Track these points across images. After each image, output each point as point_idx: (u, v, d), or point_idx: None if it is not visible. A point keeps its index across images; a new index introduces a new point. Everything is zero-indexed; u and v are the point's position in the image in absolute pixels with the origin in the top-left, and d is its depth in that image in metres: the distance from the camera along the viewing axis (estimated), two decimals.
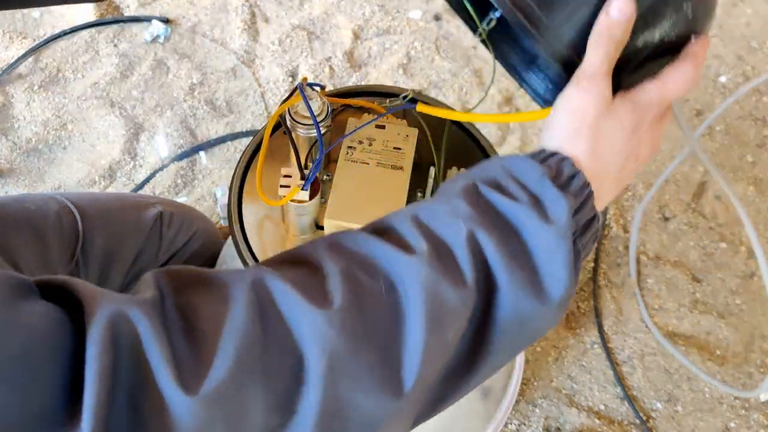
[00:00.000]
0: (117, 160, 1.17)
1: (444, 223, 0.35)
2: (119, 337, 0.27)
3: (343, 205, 0.57)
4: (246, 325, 0.29)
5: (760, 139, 1.17)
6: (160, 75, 1.28)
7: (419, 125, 0.67)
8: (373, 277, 0.33)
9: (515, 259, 0.35)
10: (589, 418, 0.92)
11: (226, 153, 1.19)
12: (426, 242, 0.34)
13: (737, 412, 0.92)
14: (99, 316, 0.26)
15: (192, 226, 0.86)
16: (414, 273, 0.32)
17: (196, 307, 0.30)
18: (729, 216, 1.09)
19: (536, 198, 0.36)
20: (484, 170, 0.38)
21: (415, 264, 0.33)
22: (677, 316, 1.00)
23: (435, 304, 0.32)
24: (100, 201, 0.78)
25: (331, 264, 0.33)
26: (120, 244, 0.77)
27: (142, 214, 0.80)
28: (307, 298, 0.30)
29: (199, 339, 0.28)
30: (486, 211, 0.35)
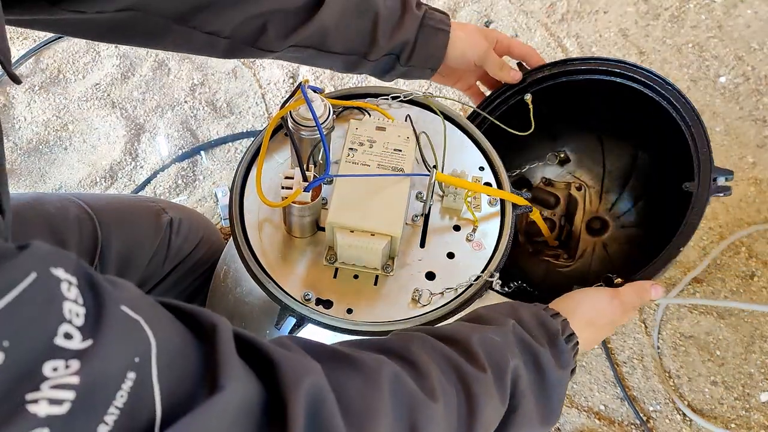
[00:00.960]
0: (118, 160, 1.17)
1: (501, 353, 0.45)
2: (313, 403, 0.33)
3: (344, 206, 0.57)
4: (387, 407, 0.37)
5: (760, 139, 1.17)
6: (161, 76, 1.28)
7: (420, 127, 0.67)
8: (459, 383, 0.42)
9: (535, 389, 0.47)
10: (589, 419, 0.92)
11: (227, 154, 1.19)
12: (489, 365, 0.44)
13: (737, 412, 0.92)
14: (299, 389, 0.32)
15: (198, 233, 0.86)
16: (483, 387, 0.42)
17: (344, 383, 0.36)
18: (729, 216, 1.09)
19: (554, 347, 0.50)
20: (520, 315, 0.52)
21: (484, 380, 0.43)
22: (677, 316, 1.00)
23: (489, 415, 0.43)
24: (116, 204, 0.77)
25: (427, 366, 0.41)
26: (135, 250, 0.76)
27: (155, 219, 0.79)
28: (424, 393, 0.39)
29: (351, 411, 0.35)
30: (524, 350, 0.48)
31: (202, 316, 0.33)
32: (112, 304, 0.28)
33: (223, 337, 0.31)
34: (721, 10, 1.35)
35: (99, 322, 0.27)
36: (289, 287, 0.60)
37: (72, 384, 0.25)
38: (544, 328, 0.51)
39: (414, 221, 0.65)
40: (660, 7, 1.37)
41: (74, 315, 0.27)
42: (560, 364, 0.49)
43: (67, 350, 0.26)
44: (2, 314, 0.24)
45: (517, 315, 0.51)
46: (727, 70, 1.27)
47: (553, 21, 1.36)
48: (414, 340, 0.43)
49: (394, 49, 0.71)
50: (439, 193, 0.66)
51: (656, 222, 0.89)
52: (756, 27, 1.32)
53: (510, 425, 0.45)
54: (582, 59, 0.82)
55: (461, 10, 1.37)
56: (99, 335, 0.27)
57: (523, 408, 0.45)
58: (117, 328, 0.28)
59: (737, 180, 1.13)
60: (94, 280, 0.29)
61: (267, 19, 0.65)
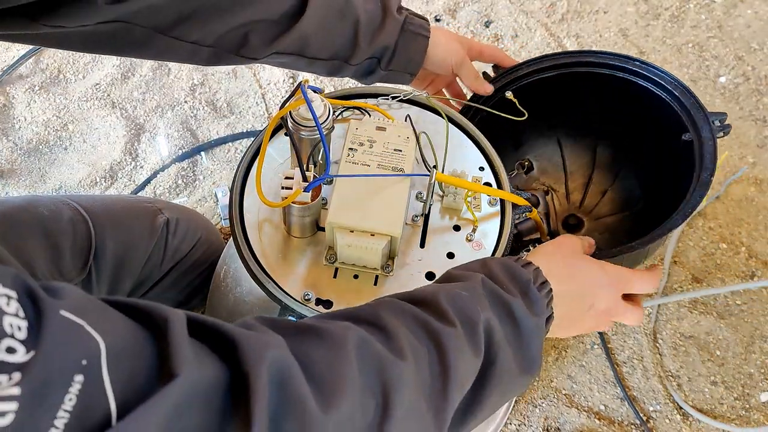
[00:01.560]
0: (118, 160, 1.17)
1: (469, 307, 0.45)
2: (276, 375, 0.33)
3: (344, 206, 0.57)
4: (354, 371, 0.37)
5: (760, 139, 1.17)
6: (161, 76, 1.28)
7: (419, 127, 0.67)
8: (429, 340, 0.42)
9: (511, 340, 0.47)
10: (589, 419, 0.92)
11: (227, 154, 1.19)
12: (459, 320, 0.44)
13: (737, 412, 0.92)
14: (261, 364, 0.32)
15: (196, 233, 0.86)
16: (453, 342, 0.42)
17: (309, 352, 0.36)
18: (729, 216, 1.09)
19: (527, 297, 0.49)
20: (490, 268, 0.51)
21: (454, 335, 0.43)
22: (677, 316, 1.00)
23: (463, 369, 0.43)
24: (111, 206, 0.77)
25: (395, 329, 0.41)
26: (131, 251, 0.76)
27: (151, 220, 0.79)
28: (392, 353, 0.39)
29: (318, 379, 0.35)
30: (495, 302, 0.47)
31: (155, 311, 0.33)
32: (51, 312, 0.28)
33: (174, 328, 0.31)
34: (721, 10, 1.35)
35: (39, 331, 0.27)
36: (288, 287, 0.60)
37: (14, 395, 0.25)
38: (516, 278, 0.50)
39: (414, 221, 0.65)
40: (660, 6, 1.37)
41: (16, 329, 0.27)
42: (534, 312, 0.49)
43: (10, 364, 0.26)
44: None
45: (487, 269, 0.50)
46: (727, 70, 1.27)
47: (553, 21, 1.36)
48: (382, 306, 0.44)
49: (375, 53, 0.72)
50: (439, 193, 0.66)
51: (629, 204, 0.95)
52: (756, 27, 1.32)
53: (489, 377, 0.45)
54: (541, 57, 0.88)
55: (461, 10, 1.37)
56: (40, 344, 0.27)
57: (501, 360, 0.45)
58: (58, 334, 0.28)
59: (738, 180, 1.13)
60: (34, 291, 0.28)
61: (249, 28, 0.65)
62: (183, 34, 0.64)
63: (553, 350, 0.98)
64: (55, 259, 0.67)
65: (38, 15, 0.56)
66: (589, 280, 0.56)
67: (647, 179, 0.94)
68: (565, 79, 0.88)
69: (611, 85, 0.86)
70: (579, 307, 0.56)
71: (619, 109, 0.90)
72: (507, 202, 0.65)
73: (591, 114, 0.93)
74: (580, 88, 0.89)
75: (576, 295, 0.55)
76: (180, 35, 0.64)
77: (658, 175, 0.91)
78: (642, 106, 0.86)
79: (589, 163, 0.99)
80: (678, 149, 0.80)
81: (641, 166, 0.94)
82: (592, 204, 0.98)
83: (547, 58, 0.87)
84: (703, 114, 0.78)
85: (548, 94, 0.87)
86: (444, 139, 0.69)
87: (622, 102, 0.88)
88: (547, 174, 1.00)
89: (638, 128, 0.91)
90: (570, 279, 0.55)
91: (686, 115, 0.80)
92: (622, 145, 0.96)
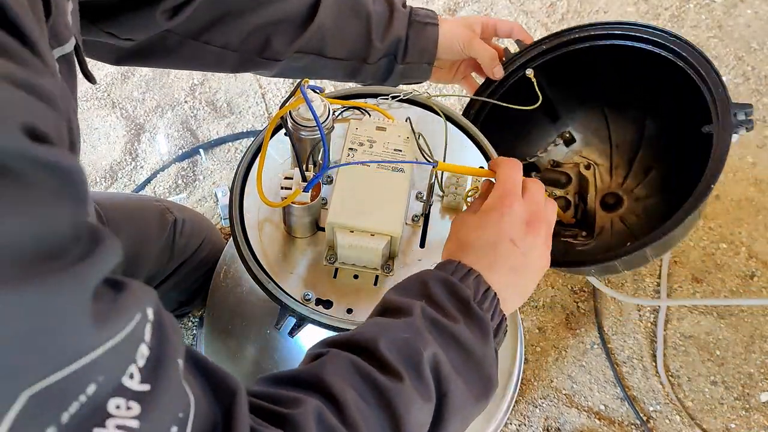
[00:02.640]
0: (118, 160, 1.17)
1: (412, 349, 0.43)
2: None
3: (344, 207, 0.57)
4: None
5: (760, 139, 1.17)
6: (161, 76, 1.28)
7: (419, 127, 0.67)
8: (377, 402, 0.41)
9: (461, 368, 0.45)
10: (589, 419, 0.92)
11: (227, 154, 1.19)
12: (403, 368, 0.42)
13: (737, 412, 0.92)
14: None
15: (201, 233, 0.86)
16: (401, 397, 0.41)
17: None
18: (729, 216, 1.09)
19: (469, 317, 0.47)
20: (430, 290, 0.48)
21: (402, 390, 0.41)
22: (678, 316, 1.00)
23: (416, 420, 0.42)
24: (122, 203, 0.78)
25: (344, 395, 0.40)
26: (141, 249, 0.76)
27: (159, 219, 0.80)
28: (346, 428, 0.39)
29: None
30: (439, 333, 0.45)
31: (226, 381, 0.34)
32: (172, 354, 0.29)
33: (239, 405, 0.33)
34: (721, 9, 1.35)
35: (158, 369, 0.28)
36: (289, 287, 0.60)
37: (133, 428, 0.26)
38: (456, 297, 0.47)
39: (414, 221, 0.65)
40: (660, 6, 1.37)
41: (140, 356, 0.28)
42: (480, 332, 0.47)
43: (128, 390, 0.27)
44: (109, 354, 0.26)
45: (426, 291, 0.48)
46: (727, 70, 1.27)
47: (553, 21, 1.36)
48: (327, 365, 0.42)
49: (390, 49, 0.73)
50: (438, 193, 0.66)
51: (670, 188, 0.87)
52: (756, 27, 1.32)
53: (444, 411, 0.44)
54: (579, 27, 0.80)
55: (461, 10, 1.37)
56: (157, 383, 0.28)
57: (453, 392, 0.44)
58: (173, 380, 0.29)
59: (738, 180, 1.13)
60: (162, 321, 0.30)
61: (270, 30, 0.67)
62: (211, 39, 0.66)
63: (553, 350, 0.98)
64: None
65: (99, 19, 0.58)
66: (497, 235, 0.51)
67: (683, 165, 0.85)
68: (590, 53, 0.80)
69: (643, 58, 0.77)
70: (517, 268, 0.51)
71: (658, 82, 0.80)
72: None
73: (632, 87, 0.85)
74: (616, 61, 0.81)
75: (509, 266, 0.51)
76: (209, 40, 0.66)
77: (688, 164, 0.81)
78: (675, 84, 0.77)
79: (637, 139, 0.90)
80: (698, 140, 0.74)
81: (682, 150, 0.85)
82: (635, 183, 0.91)
83: (571, 31, 0.80)
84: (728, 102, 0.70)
85: (584, 66, 0.80)
86: (442, 138, 0.69)
87: (657, 74, 0.79)
88: (591, 147, 0.93)
89: (677, 111, 0.83)
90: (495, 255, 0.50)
91: (713, 103, 0.72)
92: (670, 122, 0.87)
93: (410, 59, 0.74)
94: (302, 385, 0.41)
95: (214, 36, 0.66)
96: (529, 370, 0.96)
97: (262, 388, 0.40)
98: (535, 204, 0.53)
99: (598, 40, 0.79)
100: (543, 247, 0.53)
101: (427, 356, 0.43)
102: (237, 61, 0.69)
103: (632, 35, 0.77)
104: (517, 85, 0.80)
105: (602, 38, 0.79)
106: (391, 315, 0.47)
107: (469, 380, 0.45)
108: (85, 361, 0.25)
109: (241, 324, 0.82)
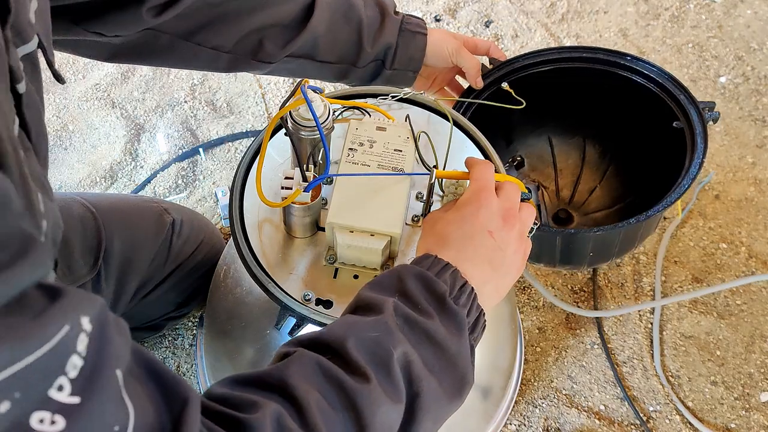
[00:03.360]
0: (118, 160, 1.17)
1: (381, 348, 0.42)
2: None
3: (344, 207, 0.57)
4: None
5: (759, 139, 1.17)
6: (161, 76, 1.28)
7: (419, 127, 0.67)
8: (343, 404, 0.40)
9: (434, 367, 0.44)
10: (589, 419, 0.92)
11: (227, 154, 1.19)
12: (372, 368, 0.41)
13: (738, 412, 0.92)
14: None
15: (199, 235, 0.86)
16: (368, 400, 0.40)
17: None
18: (729, 216, 1.09)
19: (444, 313, 0.46)
20: (405, 284, 0.46)
21: (369, 391, 0.40)
22: (678, 316, 1.00)
23: (383, 423, 0.41)
24: (118, 204, 0.78)
25: (306, 398, 0.39)
26: (138, 251, 0.76)
27: (157, 220, 0.80)
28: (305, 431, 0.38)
29: None
30: (411, 330, 0.44)
31: (178, 387, 0.33)
32: (110, 364, 0.28)
33: (191, 413, 0.32)
34: (721, 10, 1.35)
35: (92, 380, 0.27)
36: (288, 287, 0.60)
37: None
38: (431, 293, 0.46)
39: (414, 221, 0.65)
40: (660, 7, 1.37)
41: (72, 367, 0.26)
42: (455, 328, 0.45)
43: (55, 403, 0.25)
44: (30, 368, 0.24)
45: (401, 287, 0.46)
46: (727, 70, 1.27)
47: (553, 21, 1.36)
48: (292, 365, 0.41)
49: (379, 54, 0.75)
50: (438, 193, 0.66)
51: (617, 200, 0.98)
52: (756, 27, 1.32)
53: (415, 412, 0.42)
54: (535, 52, 0.91)
55: (461, 10, 1.37)
56: (89, 395, 0.27)
57: (425, 391, 0.43)
58: (108, 391, 0.28)
59: (738, 179, 1.13)
60: (104, 330, 0.29)
61: (264, 34, 0.68)
62: (204, 40, 0.66)
63: (553, 350, 0.98)
64: (65, 257, 0.67)
65: (82, 19, 0.58)
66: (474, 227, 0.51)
67: (636, 175, 0.97)
68: (556, 73, 0.90)
69: (601, 79, 0.89)
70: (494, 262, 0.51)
71: (608, 104, 0.93)
72: None
73: (581, 110, 0.96)
74: (571, 83, 0.91)
75: (487, 259, 0.50)
76: (201, 41, 0.66)
77: (647, 170, 0.94)
78: (631, 99, 0.89)
79: (578, 161, 1.01)
80: (667, 139, 0.83)
81: (630, 163, 0.97)
82: (582, 200, 1.01)
83: (541, 53, 0.90)
84: (692, 101, 0.82)
85: (540, 88, 0.89)
86: (442, 138, 0.69)
87: (611, 96, 0.91)
88: (538, 170, 1.02)
89: (627, 122, 0.94)
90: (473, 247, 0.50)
91: (675, 105, 0.83)
92: (611, 143, 0.99)
93: (398, 66, 0.76)
94: (264, 387, 0.39)
95: (207, 37, 0.66)
96: (529, 370, 0.96)
97: (223, 390, 0.39)
98: (509, 201, 0.54)
99: (554, 63, 0.90)
100: (518, 242, 0.53)
101: (397, 356, 0.42)
102: (229, 62, 0.69)
103: (586, 57, 0.89)
104: (490, 98, 0.88)
105: (556, 62, 0.90)
106: (363, 312, 0.45)
107: (442, 379, 0.44)
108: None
109: (241, 324, 0.82)
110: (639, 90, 0.87)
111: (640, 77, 0.87)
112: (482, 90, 0.88)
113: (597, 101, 0.93)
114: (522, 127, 0.99)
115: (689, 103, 0.82)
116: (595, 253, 0.85)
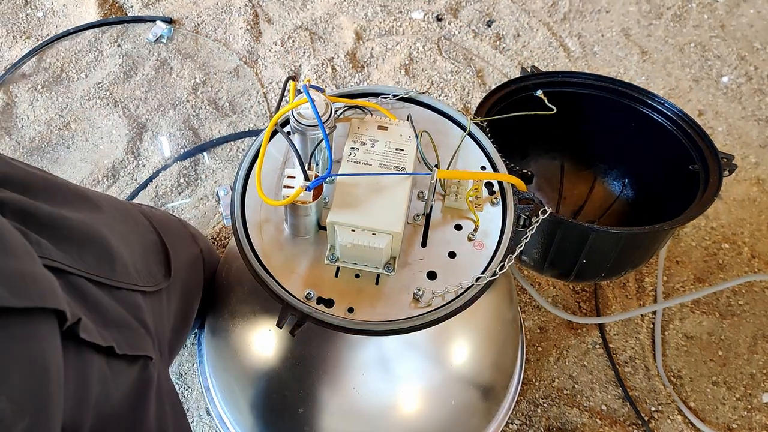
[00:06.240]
0: (120, 159, 1.18)
1: None
2: None
3: (345, 205, 0.57)
4: None
5: (762, 139, 1.17)
6: (164, 75, 1.28)
7: (421, 126, 0.67)
8: None
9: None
10: (591, 419, 0.92)
11: (228, 153, 1.19)
12: None
13: (739, 413, 0.92)
14: None
15: (212, 262, 0.86)
16: None
17: None
18: (731, 216, 1.09)
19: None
20: None
21: None
22: (680, 316, 1.00)
23: None
24: (167, 221, 0.77)
25: None
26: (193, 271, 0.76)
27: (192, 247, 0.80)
28: None
29: None
30: None
31: None
32: None
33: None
34: (724, 9, 1.35)
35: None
36: (290, 286, 0.60)
37: None
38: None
39: (415, 220, 0.65)
40: (662, 6, 1.37)
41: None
42: None
43: None
44: None
45: None
46: (729, 69, 1.27)
47: (555, 20, 1.35)
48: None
49: None
50: (440, 192, 0.66)
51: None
52: (759, 27, 1.32)
53: None
54: (572, 73, 0.90)
55: (463, 10, 1.37)
56: None
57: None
58: None
59: (740, 180, 1.13)
60: None
61: None
62: None
63: (554, 350, 0.98)
64: (146, 259, 0.66)
65: None
66: None
67: (636, 216, 0.97)
68: (580, 98, 0.90)
69: (624, 114, 0.89)
70: None
71: (626, 139, 0.92)
72: (509, 201, 0.65)
73: (599, 142, 0.96)
74: (595, 113, 0.91)
75: None
76: None
77: (648, 212, 0.94)
78: (649, 136, 0.88)
79: (584, 194, 1.02)
80: (679, 182, 0.83)
81: (634, 204, 0.98)
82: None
83: (575, 75, 0.90)
84: (712, 148, 0.81)
85: (561, 109, 0.89)
86: (443, 137, 0.69)
87: (631, 132, 0.90)
88: (543, 191, 1.03)
89: (641, 159, 0.93)
90: None
91: (693, 148, 0.83)
92: (619, 184, 0.99)
93: None
94: None
95: None
96: (531, 370, 0.96)
97: None
98: None
99: (577, 87, 0.90)
100: None
101: None
102: None
103: (613, 88, 0.88)
104: (520, 102, 0.86)
105: (582, 86, 0.90)
106: None
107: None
108: None
109: (242, 323, 0.82)
110: (659, 128, 0.87)
111: (662, 117, 0.86)
112: (511, 93, 0.87)
113: (616, 136, 0.93)
114: (538, 146, 0.99)
115: (709, 149, 0.82)
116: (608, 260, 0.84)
